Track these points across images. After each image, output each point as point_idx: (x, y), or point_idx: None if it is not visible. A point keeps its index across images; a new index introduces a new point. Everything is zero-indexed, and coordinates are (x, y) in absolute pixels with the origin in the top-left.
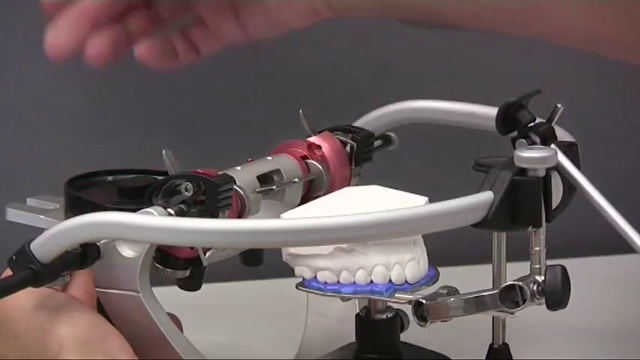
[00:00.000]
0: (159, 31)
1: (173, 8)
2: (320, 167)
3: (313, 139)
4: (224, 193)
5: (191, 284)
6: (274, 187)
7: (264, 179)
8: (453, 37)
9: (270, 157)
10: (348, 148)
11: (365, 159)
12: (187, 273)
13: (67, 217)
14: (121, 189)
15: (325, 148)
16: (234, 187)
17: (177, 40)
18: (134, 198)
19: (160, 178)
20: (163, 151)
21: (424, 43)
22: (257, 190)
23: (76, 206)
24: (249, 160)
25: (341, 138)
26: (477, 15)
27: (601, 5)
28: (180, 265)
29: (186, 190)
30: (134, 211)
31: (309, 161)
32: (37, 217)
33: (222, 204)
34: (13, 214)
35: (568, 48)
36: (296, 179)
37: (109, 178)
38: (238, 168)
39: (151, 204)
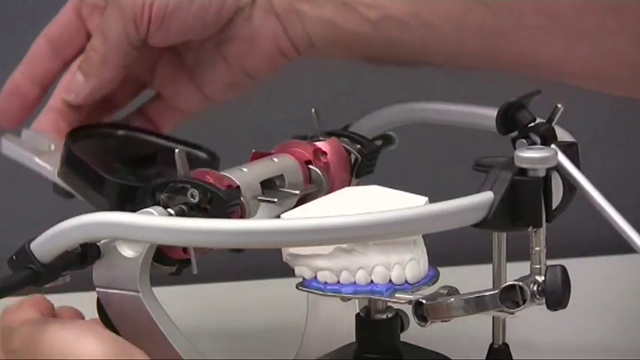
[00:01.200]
0: (116, 113)
1: (128, 88)
2: (321, 175)
3: (321, 144)
4: (230, 208)
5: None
6: (275, 199)
7: (266, 183)
8: None
9: (275, 159)
10: (352, 158)
11: (367, 172)
12: (174, 269)
13: (62, 170)
14: (122, 154)
15: (330, 156)
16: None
17: (136, 121)
18: (134, 166)
19: (162, 142)
20: (176, 150)
21: None
22: (258, 197)
23: (70, 163)
24: (253, 152)
25: (347, 147)
26: (443, 47)
27: (570, 32)
28: (170, 263)
29: (192, 197)
30: (131, 187)
31: (312, 167)
32: (30, 157)
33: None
34: (8, 148)
35: (541, 79)
36: (297, 191)
37: (114, 132)
38: (244, 169)
39: (153, 199)
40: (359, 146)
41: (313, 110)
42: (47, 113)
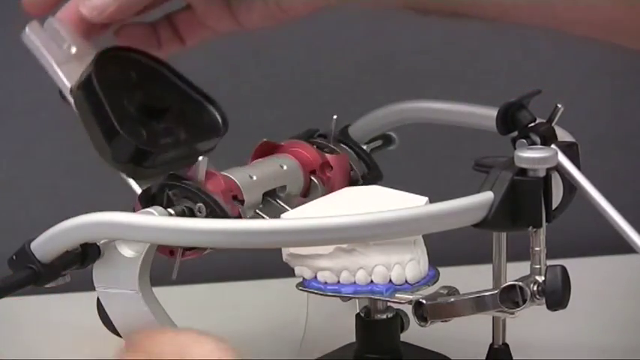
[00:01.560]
0: (142, 16)
1: None
2: (319, 188)
3: (331, 158)
4: None
5: None
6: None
7: (268, 192)
8: (453, 37)
9: (285, 167)
10: (351, 174)
11: None
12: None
13: (77, 93)
14: (140, 95)
15: (335, 172)
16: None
17: (162, 28)
18: (145, 115)
19: (184, 88)
20: (200, 157)
21: (424, 43)
22: (256, 211)
23: (87, 90)
24: (264, 140)
25: (353, 165)
26: (497, 1)
27: None
28: None
29: (199, 212)
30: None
31: (314, 178)
32: (49, 62)
33: None
34: (29, 40)
35: (588, 39)
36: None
37: (142, 61)
38: (254, 177)
39: (161, 193)
40: (366, 169)
41: (335, 117)
42: (73, 1)
